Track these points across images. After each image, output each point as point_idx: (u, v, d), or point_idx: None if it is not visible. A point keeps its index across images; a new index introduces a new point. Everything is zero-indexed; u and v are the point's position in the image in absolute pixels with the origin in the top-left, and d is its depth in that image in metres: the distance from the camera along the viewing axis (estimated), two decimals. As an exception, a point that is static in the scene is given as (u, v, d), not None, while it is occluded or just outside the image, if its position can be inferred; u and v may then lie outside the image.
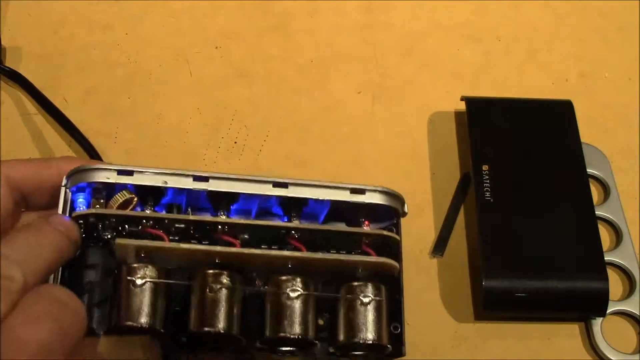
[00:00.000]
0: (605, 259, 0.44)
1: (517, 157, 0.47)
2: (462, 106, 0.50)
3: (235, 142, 0.51)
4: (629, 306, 0.44)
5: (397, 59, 0.55)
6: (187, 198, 0.33)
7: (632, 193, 0.49)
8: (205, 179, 0.33)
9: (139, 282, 0.31)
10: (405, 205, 0.35)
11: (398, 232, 0.35)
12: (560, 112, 0.49)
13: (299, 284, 0.32)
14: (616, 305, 0.44)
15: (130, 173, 0.32)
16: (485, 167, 0.47)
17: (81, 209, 0.33)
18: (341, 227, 0.34)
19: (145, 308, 0.31)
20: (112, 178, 0.32)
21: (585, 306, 0.43)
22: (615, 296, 0.45)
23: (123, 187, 0.33)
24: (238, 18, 0.57)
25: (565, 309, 0.44)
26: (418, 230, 0.48)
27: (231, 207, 0.34)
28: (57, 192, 0.33)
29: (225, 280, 0.32)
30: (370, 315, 0.33)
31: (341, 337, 0.33)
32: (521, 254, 0.44)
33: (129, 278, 0.31)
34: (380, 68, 0.55)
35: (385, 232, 0.34)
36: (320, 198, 0.33)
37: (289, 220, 0.33)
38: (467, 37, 0.56)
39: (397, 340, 0.34)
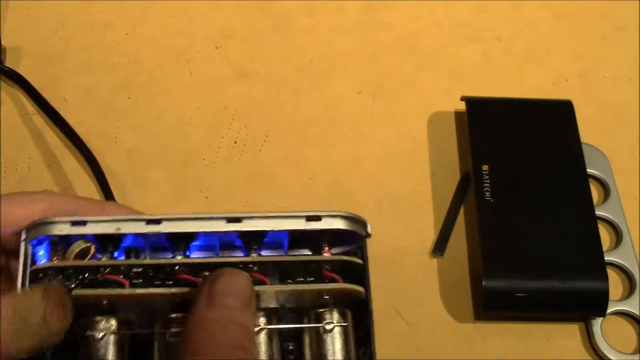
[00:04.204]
0: (605, 259, 0.44)
1: (517, 157, 0.47)
2: (462, 106, 0.50)
3: (235, 142, 0.51)
4: (629, 306, 0.44)
5: (397, 59, 0.55)
6: (146, 240, 0.34)
7: (632, 193, 0.49)
8: (158, 222, 0.33)
9: (98, 335, 0.31)
10: (369, 226, 0.33)
11: (363, 255, 0.34)
12: (560, 112, 0.49)
13: (261, 319, 0.32)
14: (616, 305, 0.44)
15: (83, 223, 0.33)
16: (485, 167, 0.47)
17: (42, 262, 0.33)
18: (301, 255, 0.34)
19: None
20: (66, 230, 0.32)
21: (585, 306, 0.43)
22: (615, 296, 0.45)
23: (79, 237, 0.33)
24: (238, 18, 0.57)
25: (565, 309, 0.44)
26: (418, 230, 0.48)
27: (192, 244, 0.34)
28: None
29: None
30: (335, 342, 0.32)
31: None
32: (521, 254, 0.44)
33: (88, 333, 0.31)
34: (380, 68, 0.55)
35: (344, 257, 0.33)
36: (275, 229, 0.33)
37: (249, 254, 0.33)
38: (467, 37, 0.56)
39: None
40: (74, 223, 0.32)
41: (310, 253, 0.34)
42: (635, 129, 0.52)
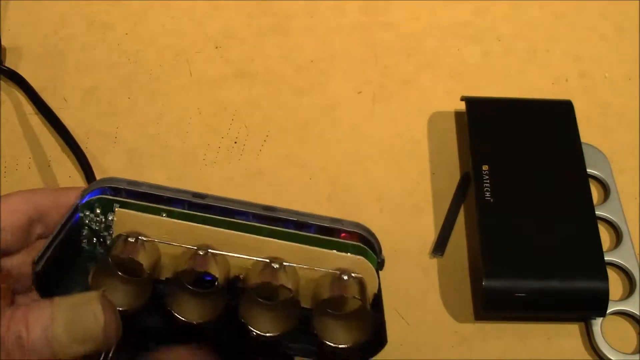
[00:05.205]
0: (605, 259, 0.44)
1: (517, 157, 0.47)
2: (462, 106, 0.50)
3: (235, 142, 0.51)
4: (629, 306, 0.44)
5: (397, 59, 0.55)
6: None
7: (632, 193, 0.49)
8: (203, 197, 0.34)
9: (131, 239, 0.32)
10: (382, 254, 0.34)
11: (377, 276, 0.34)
12: (560, 112, 0.49)
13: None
14: (616, 305, 0.44)
15: (138, 184, 0.35)
16: (485, 167, 0.47)
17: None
18: (318, 235, 0.34)
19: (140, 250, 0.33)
20: (123, 185, 0.34)
21: (585, 306, 0.43)
22: (615, 296, 0.45)
23: (132, 194, 0.34)
24: (238, 18, 0.57)
25: (565, 309, 0.44)
26: (418, 230, 0.48)
27: None
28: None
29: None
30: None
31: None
32: (521, 254, 0.44)
33: (124, 234, 0.33)
34: (380, 68, 0.55)
35: (362, 232, 0.34)
36: (301, 220, 0.34)
37: None
38: (467, 37, 0.56)
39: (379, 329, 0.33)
40: (130, 183, 0.35)
41: None
42: (635, 129, 0.52)
